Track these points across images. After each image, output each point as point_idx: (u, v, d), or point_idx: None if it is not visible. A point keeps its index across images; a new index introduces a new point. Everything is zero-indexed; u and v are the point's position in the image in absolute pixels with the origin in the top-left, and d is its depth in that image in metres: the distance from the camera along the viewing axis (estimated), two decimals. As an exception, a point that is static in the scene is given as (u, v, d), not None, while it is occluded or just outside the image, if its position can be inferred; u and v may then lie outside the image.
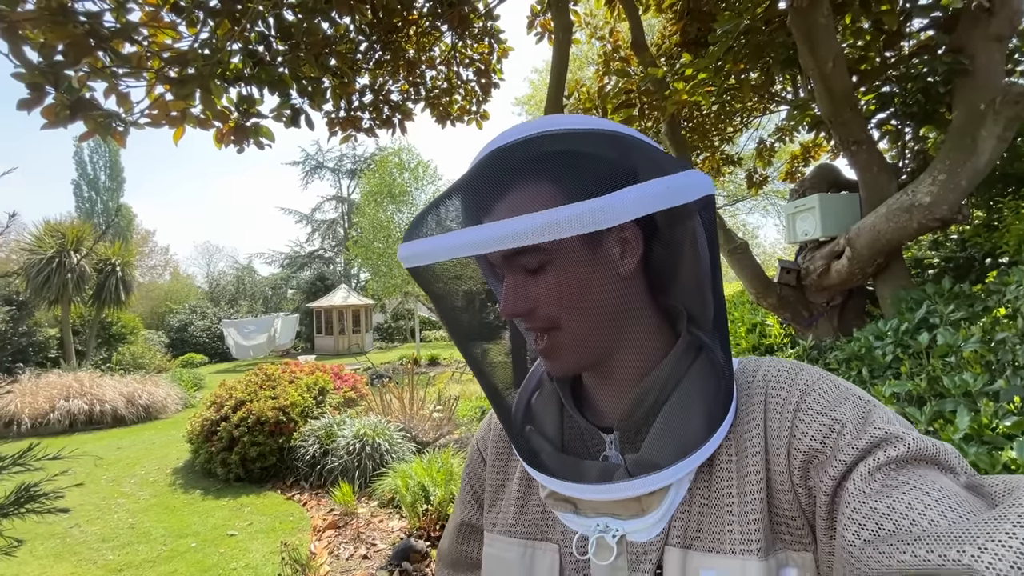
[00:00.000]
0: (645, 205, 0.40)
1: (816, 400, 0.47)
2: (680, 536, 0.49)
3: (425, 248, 0.44)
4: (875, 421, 0.44)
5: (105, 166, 31.61)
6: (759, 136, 6.55)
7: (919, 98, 3.10)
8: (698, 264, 0.50)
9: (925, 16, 3.05)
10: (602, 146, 0.45)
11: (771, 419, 0.49)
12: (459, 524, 0.70)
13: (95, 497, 5.04)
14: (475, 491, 0.69)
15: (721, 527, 0.47)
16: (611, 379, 0.55)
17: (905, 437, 0.42)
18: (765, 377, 0.52)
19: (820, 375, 0.50)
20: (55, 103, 2.08)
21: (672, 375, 0.51)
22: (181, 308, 21.39)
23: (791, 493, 0.46)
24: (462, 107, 4.90)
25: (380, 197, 18.32)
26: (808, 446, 0.45)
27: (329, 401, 6.16)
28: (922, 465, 0.41)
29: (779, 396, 0.49)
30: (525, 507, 0.60)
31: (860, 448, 0.42)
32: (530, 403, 0.61)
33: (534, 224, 0.38)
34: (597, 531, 0.51)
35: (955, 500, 0.37)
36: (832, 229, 3.24)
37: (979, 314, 2.43)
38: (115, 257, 13.57)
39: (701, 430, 0.48)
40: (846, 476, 0.42)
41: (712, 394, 0.50)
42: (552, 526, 0.56)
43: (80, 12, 2.11)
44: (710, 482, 0.50)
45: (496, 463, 0.66)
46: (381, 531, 3.85)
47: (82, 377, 8.93)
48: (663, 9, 4.79)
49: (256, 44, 3.00)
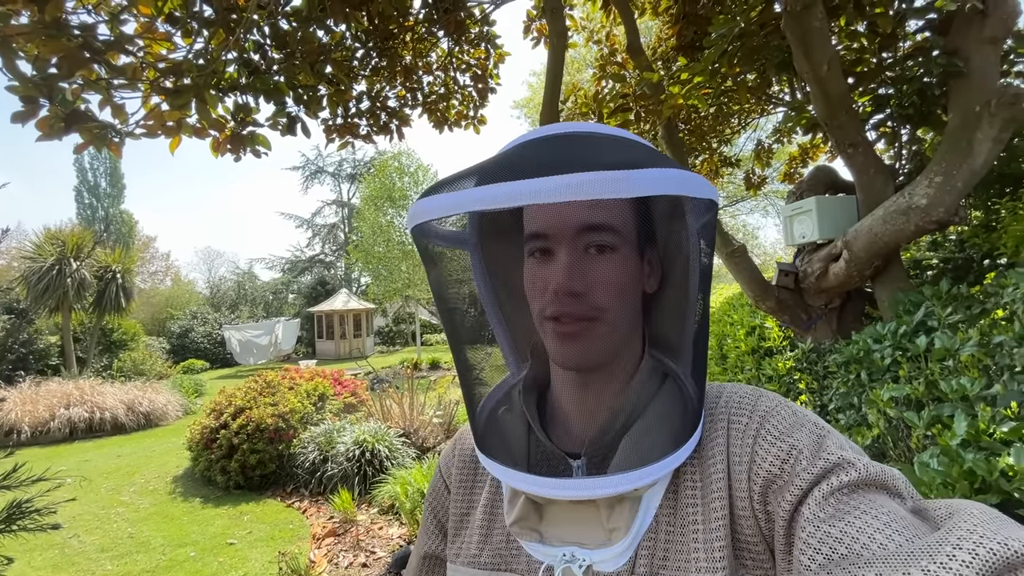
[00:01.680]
0: (708, 190, 0.43)
1: (775, 426, 0.48)
2: (647, 565, 0.48)
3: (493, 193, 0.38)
4: (829, 447, 0.45)
5: (106, 173, 31.71)
6: (757, 137, 6.55)
7: (915, 100, 3.10)
8: (687, 292, 0.52)
9: (919, 18, 3.05)
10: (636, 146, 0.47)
11: (733, 445, 0.49)
12: (422, 557, 0.67)
13: (94, 506, 5.03)
14: (439, 520, 0.67)
15: (687, 554, 0.47)
16: (593, 388, 0.54)
17: (856, 463, 0.44)
18: (728, 403, 0.53)
19: (779, 401, 0.51)
20: (49, 115, 2.08)
21: (640, 398, 0.52)
22: (182, 314, 21.41)
23: (752, 519, 0.47)
24: (459, 112, 4.91)
25: (380, 201, 18.35)
26: (767, 471, 0.46)
27: (329, 407, 6.16)
28: (872, 490, 0.43)
29: (740, 422, 0.50)
30: (489, 536, 0.58)
31: (815, 474, 0.44)
32: (499, 415, 0.60)
33: (609, 177, 0.36)
34: (563, 561, 0.51)
35: (901, 524, 0.39)
36: (829, 232, 3.24)
37: (977, 316, 2.42)
38: (116, 264, 13.59)
39: (668, 446, 0.49)
40: (802, 501, 0.43)
41: (679, 417, 0.51)
42: (517, 556, 0.55)
43: (74, 25, 2.11)
44: (675, 509, 0.50)
45: (460, 491, 0.64)
46: (381, 539, 3.84)
47: (82, 385, 8.93)
48: (659, 13, 4.80)
49: (251, 53, 3.01)
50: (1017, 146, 3.22)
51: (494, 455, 0.54)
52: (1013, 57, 2.97)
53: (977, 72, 2.65)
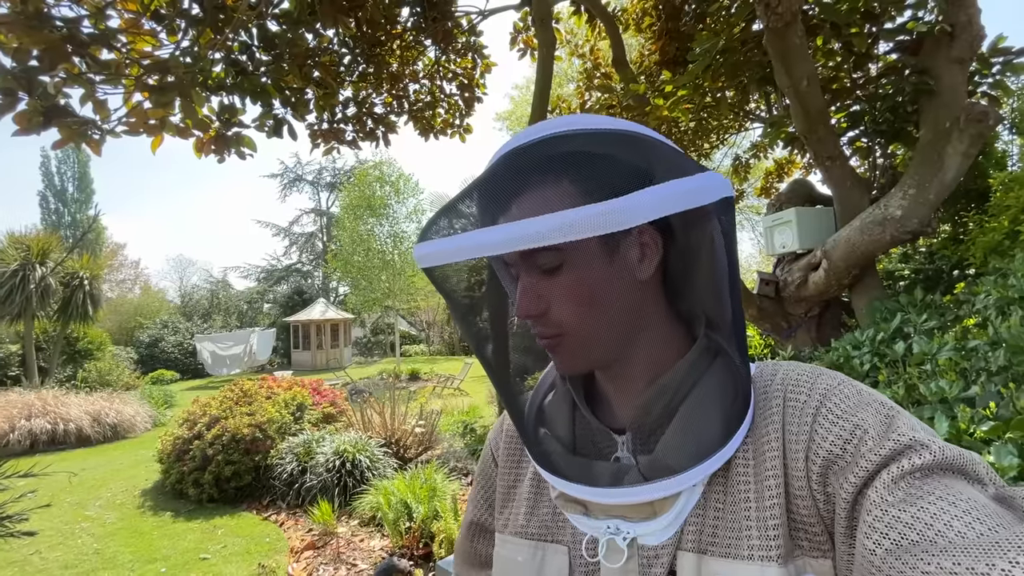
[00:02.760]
0: (662, 207, 0.39)
1: (837, 405, 0.46)
2: (694, 541, 0.48)
3: (438, 248, 0.44)
4: (899, 427, 0.43)
5: (74, 177, 30.70)
6: (735, 153, 6.73)
7: (888, 116, 3.24)
8: (716, 268, 0.50)
9: (892, 39, 3.19)
10: (620, 146, 0.45)
11: (789, 423, 0.48)
12: (470, 523, 0.70)
13: (57, 521, 4.79)
14: (486, 492, 0.69)
15: (738, 532, 0.46)
16: (623, 381, 0.54)
17: (931, 445, 0.41)
18: (784, 381, 0.51)
19: (841, 380, 0.49)
20: (28, 109, 2.01)
21: (687, 378, 0.50)
22: (151, 323, 20.73)
23: (810, 499, 0.45)
24: (445, 120, 4.92)
25: (360, 210, 18.19)
26: (828, 451, 0.44)
27: (308, 417, 6.02)
28: (948, 475, 0.40)
29: (798, 400, 0.48)
30: (536, 508, 0.59)
31: (883, 455, 0.41)
32: (543, 405, 0.61)
33: (549, 226, 0.38)
34: (607, 533, 0.51)
35: (983, 512, 0.36)
36: (809, 242, 3.33)
37: (950, 323, 2.51)
38: (83, 270, 13.11)
39: (717, 434, 0.47)
40: (868, 483, 0.41)
41: (729, 398, 0.49)
42: (563, 528, 0.56)
43: (57, 17, 2.06)
44: (726, 486, 0.49)
45: (508, 464, 0.65)
46: (362, 551, 3.74)
47: (45, 395, 8.55)
48: (642, 29, 4.93)
49: (239, 54, 2.98)
50: (982, 163, 3.38)
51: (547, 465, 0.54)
52: (978, 78, 3.13)
53: (946, 90, 2.79)
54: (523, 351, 0.63)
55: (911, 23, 3.07)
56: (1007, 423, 1.54)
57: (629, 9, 5.06)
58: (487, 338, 0.59)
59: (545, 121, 0.48)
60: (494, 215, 0.48)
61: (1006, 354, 1.83)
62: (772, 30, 2.78)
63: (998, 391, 1.73)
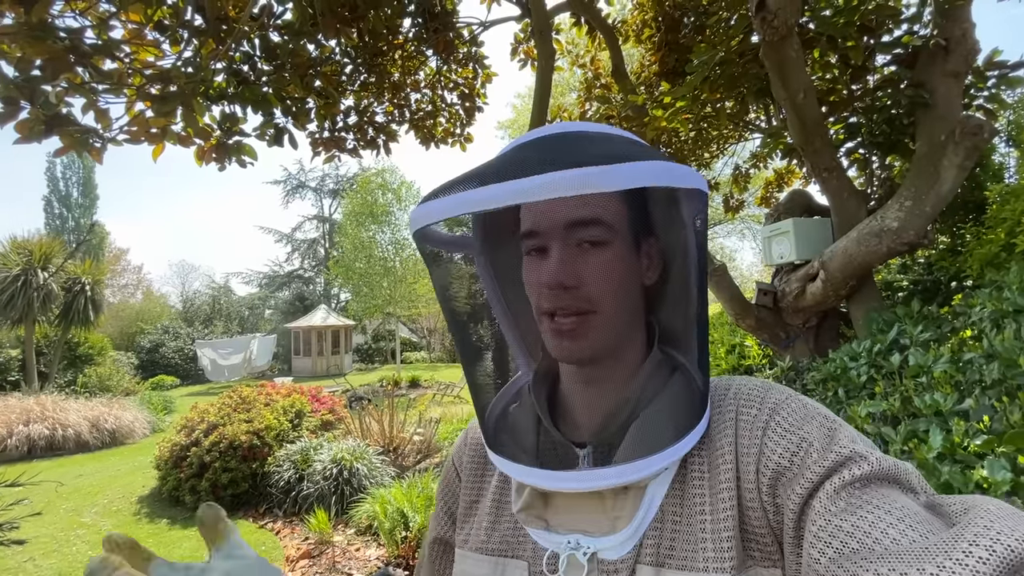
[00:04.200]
0: (694, 179, 0.44)
1: (785, 419, 0.48)
2: (653, 554, 0.49)
3: (486, 195, 0.40)
4: (840, 440, 0.45)
5: (78, 182, 30.89)
6: (735, 163, 6.76)
7: (884, 128, 3.25)
8: (688, 280, 0.53)
9: (888, 53, 3.22)
10: (628, 143, 0.49)
11: (742, 436, 0.50)
12: (432, 541, 0.69)
13: (52, 528, 4.77)
14: (448, 507, 0.69)
15: (694, 544, 0.48)
16: (599, 382, 0.55)
17: (869, 456, 0.43)
18: (736, 395, 0.53)
19: (789, 395, 0.51)
20: (30, 118, 2.04)
21: (646, 390, 0.53)
22: (153, 328, 20.76)
23: (760, 510, 0.47)
24: (446, 129, 4.95)
25: (362, 217, 18.27)
26: (776, 463, 0.46)
27: (306, 424, 6.01)
28: (884, 484, 0.42)
29: (749, 414, 0.50)
30: (497, 523, 0.59)
31: (826, 467, 0.43)
32: (507, 410, 0.62)
33: (594, 172, 0.38)
34: (568, 548, 0.51)
35: (915, 519, 0.38)
36: (806, 252, 3.34)
37: (947, 335, 2.51)
38: (85, 275, 13.16)
39: (672, 436, 0.49)
40: (812, 494, 0.43)
41: (685, 408, 0.51)
42: (523, 543, 0.56)
43: (60, 28, 2.09)
44: (682, 499, 0.50)
45: (471, 479, 0.66)
46: (358, 560, 3.72)
47: (44, 400, 8.53)
48: (642, 40, 4.97)
49: (240, 64, 3.01)
50: (979, 175, 3.39)
51: (501, 450, 0.55)
52: (973, 91, 3.15)
53: (942, 103, 2.81)
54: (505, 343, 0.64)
55: (907, 37, 3.10)
56: (1000, 437, 1.53)
57: (629, 21, 5.10)
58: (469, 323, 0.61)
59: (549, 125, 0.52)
60: None
61: (1000, 367, 1.83)
62: (769, 43, 2.80)
63: (992, 405, 1.73)
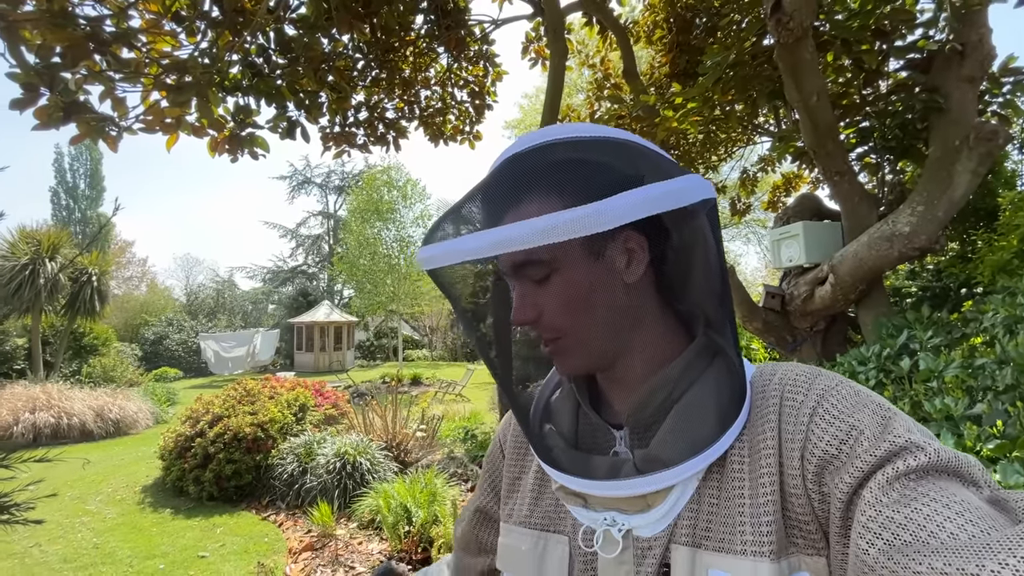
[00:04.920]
0: (639, 209, 0.41)
1: (833, 405, 0.47)
2: (688, 535, 0.49)
3: (433, 253, 0.47)
4: (895, 429, 0.43)
5: (85, 174, 31.05)
6: (742, 166, 6.74)
7: (897, 133, 3.24)
8: (705, 269, 0.52)
9: (902, 57, 3.21)
10: (608, 153, 0.48)
11: (786, 423, 0.48)
12: (476, 509, 0.73)
13: (58, 515, 4.80)
14: (493, 481, 0.72)
15: (732, 528, 0.47)
16: (621, 379, 0.56)
17: (926, 447, 0.41)
18: (782, 381, 0.52)
19: (839, 380, 0.50)
20: (49, 104, 2.05)
21: (684, 375, 0.52)
22: (157, 321, 20.85)
23: (804, 498, 0.45)
24: (455, 127, 4.96)
25: (367, 214, 18.31)
26: (823, 451, 0.45)
27: (309, 418, 6.03)
28: (943, 477, 0.40)
29: (795, 400, 0.49)
30: (539, 500, 0.61)
31: (878, 456, 0.41)
32: (550, 401, 0.64)
33: (532, 229, 0.40)
34: (604, 525, 0.52)
35: (976, 514, 0.36)
36: (816, 256, 3.33)
37: (957, 341, 2.50)
38: (91, 267, 13.23)
39: (711, 431, 0.49)
40: (863, 484, 0.42)
41: (726, 395, 0.50)
42: (564, 519, 0.58)
43: (80, 16, 2.10)
44: (721, 482, 0.50)
45: (514, 457, 0.68)
46: (360, 554, 3.73)
47: (49, 389, 8.59)
48: (653, 41, 4.96)
49: (256, 56, 3.02)
50: (991, 182, 3.38)
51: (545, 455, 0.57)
52: (988, 97, 3.14)
53: (956, 108, 2.80)
54: (526, 354, 0.65)
55: (922, 41, 3.09)
56: (1014, 442, 1.53)
57: (641, 22, 5.10)
58: (492, 342, 0.61)
59: (546, 128, 0.50)
60: (489, 222, 0.51)
61: (1013, 373, 1.82)
62: (783, 45, 2.80)
63: (1005, 409, 1.72)
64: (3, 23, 1.79)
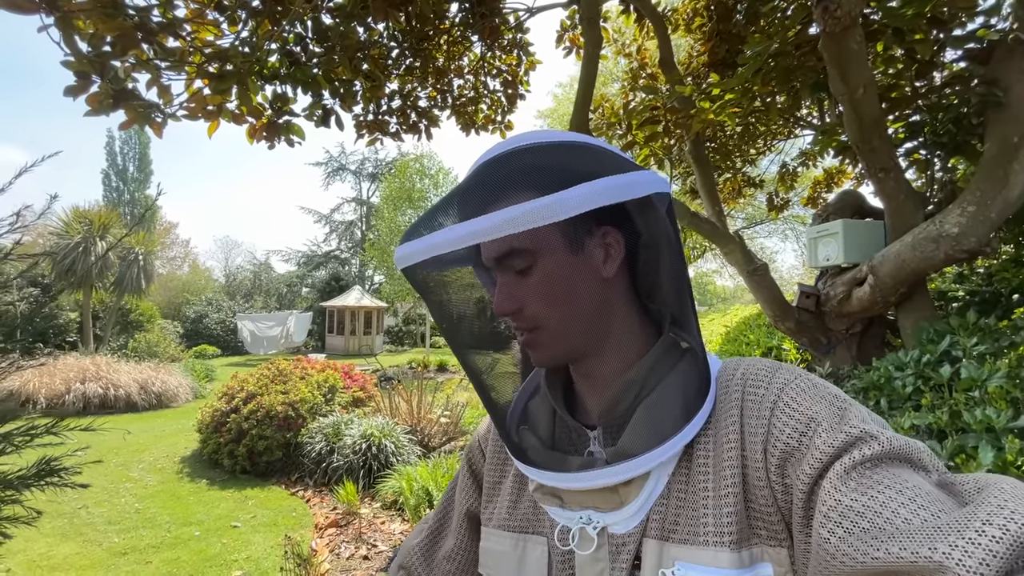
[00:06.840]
0: (596, 198, 0.43)
1: (792, 399, 0.49)
2: (658, 529, 0.51)
3: (412, 248, 0.48)
4: (850, 420, 0.45)
5: (134, 157, 32.43)
6: (782, 160, 6.51)
7: (950, 128, 3.07)
8: (670, 265, 0.54)
9: (959, 47, 3.02)
10: (571, 155, 0.50)
11: (748, 416, 0.50)
12: (464, 514, 0.71)
13: (104, 480, 5.11)
14: (476, 476, 0.72)
15: (696, 520, 0.49)
16: (593, 376, 0.58)
17: (879, 436, 0.43)
18: (744, 376, 0.53)
19: (798, 374, 0.51)
20: (100, 92, 2.15)
21: (652, 373, 0.54)
22: (198, 300, 21.74)
23: (767, 489, 0.47)
24: (487, 116, 4.96)
25: (399, 201, 18.55)
26: (785, 443, 0.46)
27: (338, 400, 6.20)
28: (896, 463, 0.42)
29: (757, 394, 0.51)
30: (518, 503, 0.63)
31: (836, 446, 0.43)
32: (528, 405, 0.65)
33: (500, 218, 0.43)
34: (580, 523, 0.54)
35: (927, 499, 0.38)
36: (855, 256, 3.20)
37: (1004, 349, 2.37)
38: (138, 246, 13.88)
39: (676, 421, 0.51)
40: (822, 474, 0.43)
41: (692, 389, 0.52)
42: (542, 520, 0.59)
43: (129, 6, 2.19)
44: (688, 476, 0.52)
45: (494, 461, 0.69)
46: (383, 533, 3.84)
47: (99, 361, 9.10)
48: (691, 30, 4.82)
49: (293, 45, 3.08)
50: (1053, 181, 3.17)
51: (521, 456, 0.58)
52: (1054, 91, 2.93)
53: (1016, 103, 2.63)
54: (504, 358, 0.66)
55: (982, 30, 2.90)
56: (1059, 458, 1.45)
57: (679, 9, 4.96)
58: (469, 342, 0.63)
59: (510, 137, 0.54)
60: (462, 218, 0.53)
61: (1064, 385, 1.72)
62: (829, 34, 2.68)
63: (1052, 424, 1.63)
64: (59, 13, 1.88)
